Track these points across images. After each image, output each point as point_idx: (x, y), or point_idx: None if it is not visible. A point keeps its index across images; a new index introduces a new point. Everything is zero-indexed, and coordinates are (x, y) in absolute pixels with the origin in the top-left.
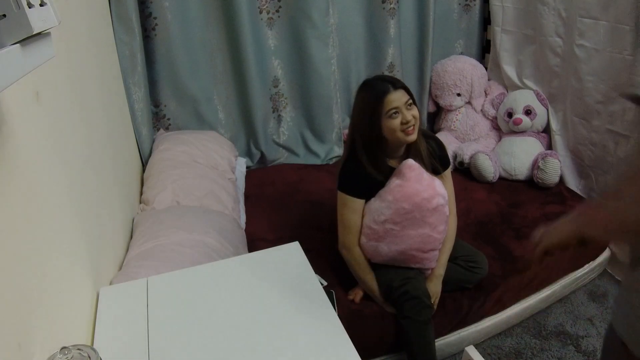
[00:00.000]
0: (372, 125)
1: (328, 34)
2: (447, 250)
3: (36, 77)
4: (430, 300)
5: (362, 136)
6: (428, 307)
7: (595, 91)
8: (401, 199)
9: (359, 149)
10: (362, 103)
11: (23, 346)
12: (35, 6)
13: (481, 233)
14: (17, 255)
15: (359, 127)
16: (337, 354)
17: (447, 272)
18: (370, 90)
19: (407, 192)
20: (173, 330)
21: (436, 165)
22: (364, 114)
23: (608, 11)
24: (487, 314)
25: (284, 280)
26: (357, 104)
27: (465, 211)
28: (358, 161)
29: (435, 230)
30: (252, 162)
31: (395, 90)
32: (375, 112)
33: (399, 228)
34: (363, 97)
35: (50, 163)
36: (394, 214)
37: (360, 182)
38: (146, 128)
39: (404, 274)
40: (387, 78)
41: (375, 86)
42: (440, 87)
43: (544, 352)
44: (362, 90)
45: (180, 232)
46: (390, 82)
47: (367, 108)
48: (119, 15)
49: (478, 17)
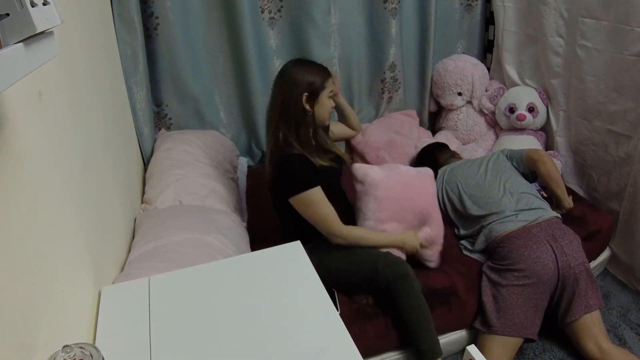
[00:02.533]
0: (303, 107)
1: (330, 34)
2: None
3: (39, 76)
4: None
5: (292, 120)
6: (416, 280)
7: (596, 91)
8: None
9: (292, 138)
10: (291, 83)
11: (25, 345)
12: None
13: None
14: (19, 255)
15: (287, 108)
16: (339, 353)
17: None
18: (302, 67)
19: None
20: (174, 329)
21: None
22: (291, 96)
23: (609, 11)
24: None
25: (285, 280)
26: (287, 82)
27: None
28: (296, 152)
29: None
30: (253, 162)
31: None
32: (315, 91)
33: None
34: (292, 76)
35: (52, 162)
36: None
37: (311, 170)
38: (148, 128)
39: (380, 253)
40: (313, 61)
41: (314, 64)
42: (441, 87)
43: (545, 352)
44: (296, 67)
45: (182, 232)
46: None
47: (299, 88)
48: (121, 14)
49: (479, 17)
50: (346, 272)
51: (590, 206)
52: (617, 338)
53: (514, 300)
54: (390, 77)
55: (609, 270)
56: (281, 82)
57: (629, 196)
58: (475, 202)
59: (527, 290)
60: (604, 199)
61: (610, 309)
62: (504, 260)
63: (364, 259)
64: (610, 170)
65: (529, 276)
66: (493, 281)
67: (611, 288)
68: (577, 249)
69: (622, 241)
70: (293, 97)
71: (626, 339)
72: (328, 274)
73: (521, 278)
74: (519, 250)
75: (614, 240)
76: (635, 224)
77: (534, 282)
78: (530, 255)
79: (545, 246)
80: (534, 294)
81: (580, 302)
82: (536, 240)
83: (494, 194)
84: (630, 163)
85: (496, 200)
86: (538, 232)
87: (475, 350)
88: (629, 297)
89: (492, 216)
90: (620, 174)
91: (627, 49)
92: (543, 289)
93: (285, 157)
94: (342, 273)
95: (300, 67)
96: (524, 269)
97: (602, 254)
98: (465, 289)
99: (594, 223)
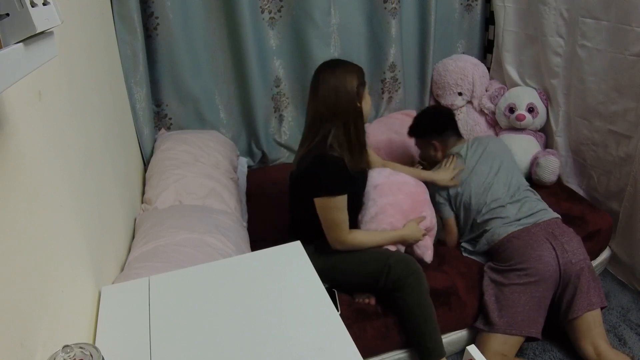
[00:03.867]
0: (356, 103)
1: (330, 34)
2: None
3: (38, 76)
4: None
5: (348, 119)
6: (426, 280)
7: (597, 91)
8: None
9: (337, 139)
10: (342, 79)
11: (25, 345)
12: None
13: None
14: (19, 255)
15: (340, 109)
16: (339, 353)
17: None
18: (346, 65)
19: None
20: (175, 329)
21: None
22: (346, 92)
23: (610, 11)
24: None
25: (285, 280)
26: (335, 84)
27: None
28: (336, 155)
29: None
30: (253, 162)
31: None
32: (360, 88)
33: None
34: (341, 73)
35: (52, 162)
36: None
37: (346, 176)
38: (148, 128)
39: (390, 252)
40: (344, 60)
41: (348, 63)
42: (441, 87)
43: (546, 352)
44: (337, 68)
45: (182, 232)
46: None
47: (350, 84)
48: (121, 14)
49: (479, 17)
50: (355, 270)
51: (590, 206)
52: (617, 338)
53: (517, 299)
54: (390, 77)
55: (609, 270)
56: (328, 85)
57: (629, 196)
58: (480, 210)
59: (530, 289)
60: (604, 199)
61: (610, 309)
62: (506, 261)
63: (375, 257)
64: (610, 170)
65: (531, 274)
66: (495, 281)
67: (611, 288)
68: (578, 246)
69: (622, 241)
70: (348, 97)
71: (626, 339)
72: (334, 271)
73: (523, 276)
74: (520, 250)
75: (614, 240)
76: (635, 224)
77: (537, 280)
78: (532, 254)
79: (545, 244)
80: (537, 292)
81: (583, 299)
82: (536, 239)
83: (500, 200)
84: (631, 163)
85: (502, 205)
86: (537, 232)
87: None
88: (629, 297)
89: (496, 220)
90: (620, 174)
91: (628, 48)
92: (545, 286)
93: (325, 156)
94: (349, 271)
95: (341, 68)
96: (526, 268)
97: (602, 254)
98: (466, 289)
99: (594, 223)
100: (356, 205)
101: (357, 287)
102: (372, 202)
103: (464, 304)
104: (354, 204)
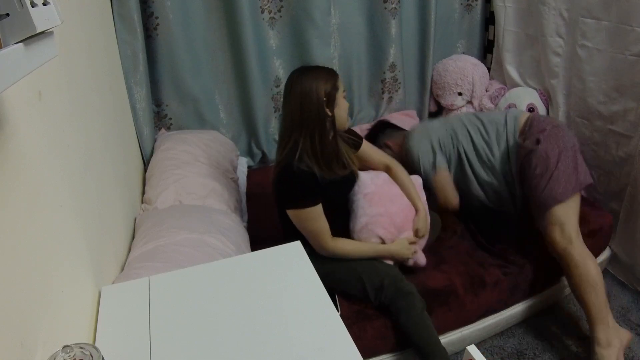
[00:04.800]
0: (324, 111)
1: (329, 34)
2: (415, 192)
3: (38, 76)
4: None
5: (313, 128)
6: (420, 300)
7: (597, 91)
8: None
9: (306, 150)
10: (309, 87)
11: (25, 345)
12: (39, 5)
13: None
14: (19, 255)
15: (307, 118)
16: (339, 354)
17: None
18: (316, 71)
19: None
20: (175, 329)
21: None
22: (311, 101)
23: (610, 11)
24: (490, 312)
25: (285, 280)
26: (301, 92)
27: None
28: (303, 168)
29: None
30: (253, 162)
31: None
32: (331, 94)
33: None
34: (308, 81)
35: (52, 162)
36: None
37: (313, 188)
38: (148, 128)
39: (387, 270)
40: (317, 66)
41: (320, 68)
42: (441, 87)
43: (546, 352)
44: (305, 75)
45: (182, 232)
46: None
47: (317, 91)
48: (121, 14)
49: (479, 17)
50: (348, 281)
51: (591, 205)
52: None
53: (563, 170)
54: (390, 77)
55: (609, 270)
56: (295, 93)
57: (629, 196)
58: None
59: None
60: (604, 198)
61: (610, 309)
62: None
63: (369, 271)
64: (611, 170)
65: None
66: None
67: (611, 288)
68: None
69: (622, 241)
70: (313, 106)
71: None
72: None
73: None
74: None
75: (614, 240)
76: (635, 224)
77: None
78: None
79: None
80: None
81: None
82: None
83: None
84: (631, 163)
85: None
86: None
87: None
88: (629, 297)
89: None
90: (620, 174)
91: (628, 48)
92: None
93: (291, 168)
94: (344, 280)
95: (308, 75)
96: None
97: (603, 254)
98: (465, 289)
99: (595, 221)
100: (341, 210)
101: (351, 296)
102: (362, 211)
103: (463, 303)
104: (339, 209)
